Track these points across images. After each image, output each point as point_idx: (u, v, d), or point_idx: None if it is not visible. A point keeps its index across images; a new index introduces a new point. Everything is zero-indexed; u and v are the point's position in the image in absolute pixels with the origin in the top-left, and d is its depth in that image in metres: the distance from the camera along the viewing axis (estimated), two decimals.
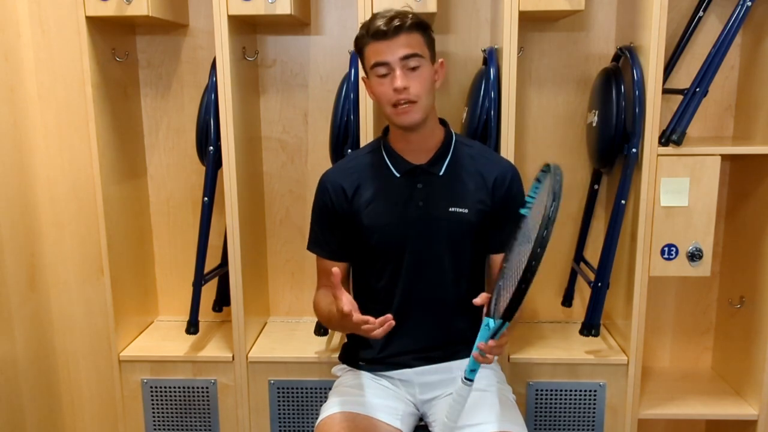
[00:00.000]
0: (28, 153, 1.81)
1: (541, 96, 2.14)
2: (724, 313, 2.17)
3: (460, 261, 1.58)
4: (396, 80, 1.43)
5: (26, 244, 1.81)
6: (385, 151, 1.59)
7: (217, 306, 2.22)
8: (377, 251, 1.58)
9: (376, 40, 1.43)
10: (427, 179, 1.56)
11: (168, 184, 2.26)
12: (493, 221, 1.57)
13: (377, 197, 1.56)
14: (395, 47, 1.42)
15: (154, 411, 2.09)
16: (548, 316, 2.29)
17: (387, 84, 1.44)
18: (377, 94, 1.48)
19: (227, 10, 1.83)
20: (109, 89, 1.98)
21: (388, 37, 1.42)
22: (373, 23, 1.44)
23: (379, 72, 1.45)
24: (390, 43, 1.42)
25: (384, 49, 1.43)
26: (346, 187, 1.58)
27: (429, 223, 1.54)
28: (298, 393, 2.05)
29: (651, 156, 1.83)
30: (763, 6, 1.91)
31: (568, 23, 2.08)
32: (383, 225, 1.55)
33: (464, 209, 1.54)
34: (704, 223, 1.85)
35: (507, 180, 1.57)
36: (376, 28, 1.43)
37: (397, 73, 1.43)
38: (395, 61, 1.43)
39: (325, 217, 1.62)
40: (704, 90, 1.82)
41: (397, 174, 1.56)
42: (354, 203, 1.57)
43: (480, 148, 1.64)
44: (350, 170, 1.60)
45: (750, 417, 1.95)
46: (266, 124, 2.21)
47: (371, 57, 1.46)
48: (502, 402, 1.53)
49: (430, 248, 1.55)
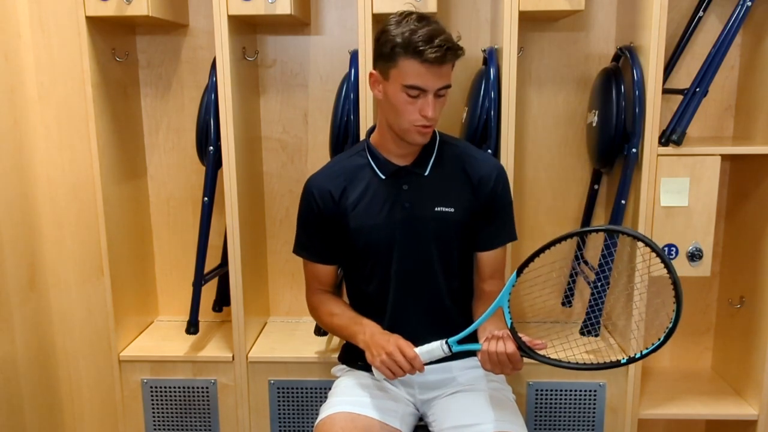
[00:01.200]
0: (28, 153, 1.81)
1: (541, 96, 2.14)
2: (724, 313, 2.17)
3: (449, 260, 1.58)
4: (428, 109, 1.42)
5: (26, 244, 1.81)
6: (369, 153, 1.59)
7: (217, 306, 2.22)
8: (365, 254, 1.59)
9: (422, 62, 1.39)
10: (412, 180, 1.56)
11: (168, 184, 2.26)
12: (480, 219, 1.57)
13: (363, 200, 1.56)
14: (440, 76, 1.41)
15: (154, 411, 2.09)
16: (548, 316, 2.29)
17: (416, 105, 1.43)
18: (400, 110, 1.45)
19: (227, 10, 1.83)
20: (109, 89, 1.98)
21: (436, 65, 1.39)
22: (421, 44, 1.38)
23: (411, 93, 1.42)
24: (436, 71, 1.40)
25: (428, 76, 1.40)
26: (332, 190, 1.58)
27: (415, 223, 1.55)
28: (298, 393, 2.05)
29: (651, 156, 1.83)
30: (763, 6, 1.91)
31: (568, 23, 2.08)
32: (370, 227, 1.56)
33: (450, 208, 1.55)
34: (704, 223, 1.85)
35: (492, 178, 1.56)
36: (430, 56, 1.37)
37: (430, 101, 1.42)
38: (433, 90, 1.42)
39: (312, 221, 1.62)
40: (704, 90, 1.82)
41: (383, 176, 1.56)
42: (341, 206, 1.57)
43: (464, 147, 1.64)
44: (335, 174, 1.60)
45: (750, 417, 1.95)
46: (266, 124, 2.21)
47: (410, 77, 1.41)
48: (500, 402, 1.53)
49: (418, 249, 1.56)
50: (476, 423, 1.45)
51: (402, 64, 1.41)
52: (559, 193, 2.20)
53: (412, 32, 1.39)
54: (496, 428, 1.43)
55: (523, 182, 2.16)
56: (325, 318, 1.66)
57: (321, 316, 1.68)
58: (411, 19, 1.43)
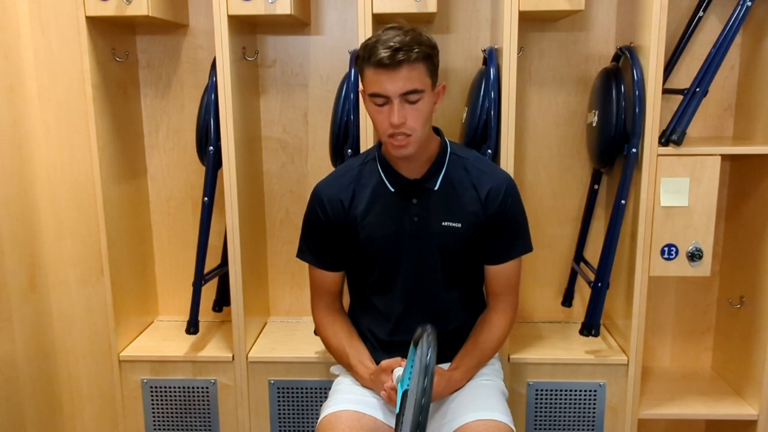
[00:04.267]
0: (28, 153, 1.81)
1: (541, 96, 2.14)
2: (724, 313, 2.17)
3: (453, 272, 1.59)
4: (393, 116, 1.38)
5: (26, 244, 1.81)
6: (379, 164, 1.58)
7: (217, 306, 2.22)
8: (372, 263, 1.59)
9: (377, 68, 1.36)
10: (421, 194, 1.56)
11: (168, 184, 2.26)
12: (487, 233, 1.57)
13: (372, 210, 1.56)
14: (396, 80, 1.36)
15: (154, 411, 2.09)
16: (548, 316, 2.29)
17: (384, 113, 1.40)
18: (372, 119, 1.46)
19: (227, 10, 1.83)
20: (109, 89, 1.98)
21: (390, 68, 1.35)
22: (376, 49, 1.35)
23: (377, 102, 1.40)
24: (392, 75, 1.35)
25: (384, 81, 1.36)
26: (342, 198, 1.58)
27: (423, 237, 1.55)
28: (298, 393, 2.05)
29: (651, 156, 1.83)
30: (763, 6, 1.91)
31: (568, 23, 2.08)
32: (378, 238, 1.56)
33: (457, 223, 1.55)
34: (704, 223, 1.85)
35: (501, 192, 1.55)
36: (379, 58, 1.34)
37: (395, 108, 1.37)
38: (395, 95, 1.37)
39: (319, 228, 1.61)
40: (704, 90, 1.82)
41: (392, 188, 1.56)
42: (350, 214, 1.57)
43: (474, 160, 1.61)
44: (345, 182, 1.60)
45: (750, 417, 1.95)
46: (266, 124, 2.21)
47: (370, 85, 1.39)
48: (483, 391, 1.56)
49: (424, 260, 1.57)
50: (458, 415, 1.47)
51: (365, 74, 1.41)
52: (559, 193, 2.20)
53: (376, 41, 1.37)
54: (470, 419, 1.45)
55: (523, 182, 2.16)
56: (326, 340, 1.69)
57: (323, 338, 1.70)
58: (385, 29, 1.40)
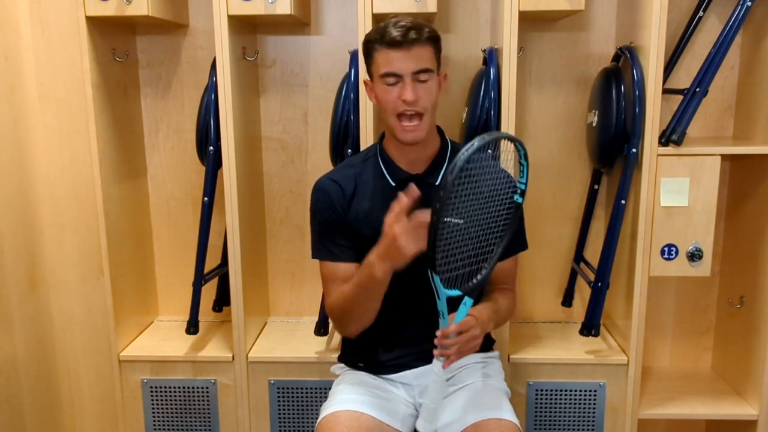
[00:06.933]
0: (28, 153, 1.81)
1: (541, 96, 2.14)
2: (724, 313, 2.17)
3: None
4: (407, 92, 1.42)
5: (26, 244, 1.81)
6: (381, 159, 1.59)
7: (217, 306, 2.22)
8: None
9: (390, 48, 1.42)
10: (423, 189, 1.55)
11: (168, 184, 2.26)
12: None
13: (373, 206, 1.56)
14: (409, 59, 1.41)
15: (154, 411, 2.09)
16: (548, 316, 2.29)
17: (395, 92, 1.44)
18: (382, 101, 1.47)
19: (227, 10, 1.83)
20: (109, 89, 1.98)
21: (403, 47, 1.41)
22: (387, 30, 1.42)
23: (388, 81, 1.44)
24: (404, 54, 1.41)
25: (397, 60, 1.42)
26: (344, 188, 1.58)
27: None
28: (298, 393, 2.05)
29: (651, 156, 1.83)
30: (763, 6, 1.91)
31: (568, 23, 2.08)
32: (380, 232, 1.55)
33: (459, 219, 1.54)
34: (704, 223, 1.85)
35: None
36: (392, 37, 1.40)
37: (408, 85, 1.42)
38: (408, 73, 1.42)
39: (329, 219, 1.59)
40: (704, 90, 1.82)
41: (393, 183, 1.56)
42: (351, 208, 1.57)
43: None
44: (346, 176, 1.60)
45: (750, 417, 1.95)
46: (266, 124, 2.21)
47: (382, 65, 1.44)
48: (489, 392, 1.55)
49: None
50: (468, 413, 1.47)
51: (376, 57, 1.45)
52: (559, 193, 2.20)
53: (386, 24, 1.44)
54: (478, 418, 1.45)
55: None
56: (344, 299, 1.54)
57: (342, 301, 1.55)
58: (390, 19, 1.45)
